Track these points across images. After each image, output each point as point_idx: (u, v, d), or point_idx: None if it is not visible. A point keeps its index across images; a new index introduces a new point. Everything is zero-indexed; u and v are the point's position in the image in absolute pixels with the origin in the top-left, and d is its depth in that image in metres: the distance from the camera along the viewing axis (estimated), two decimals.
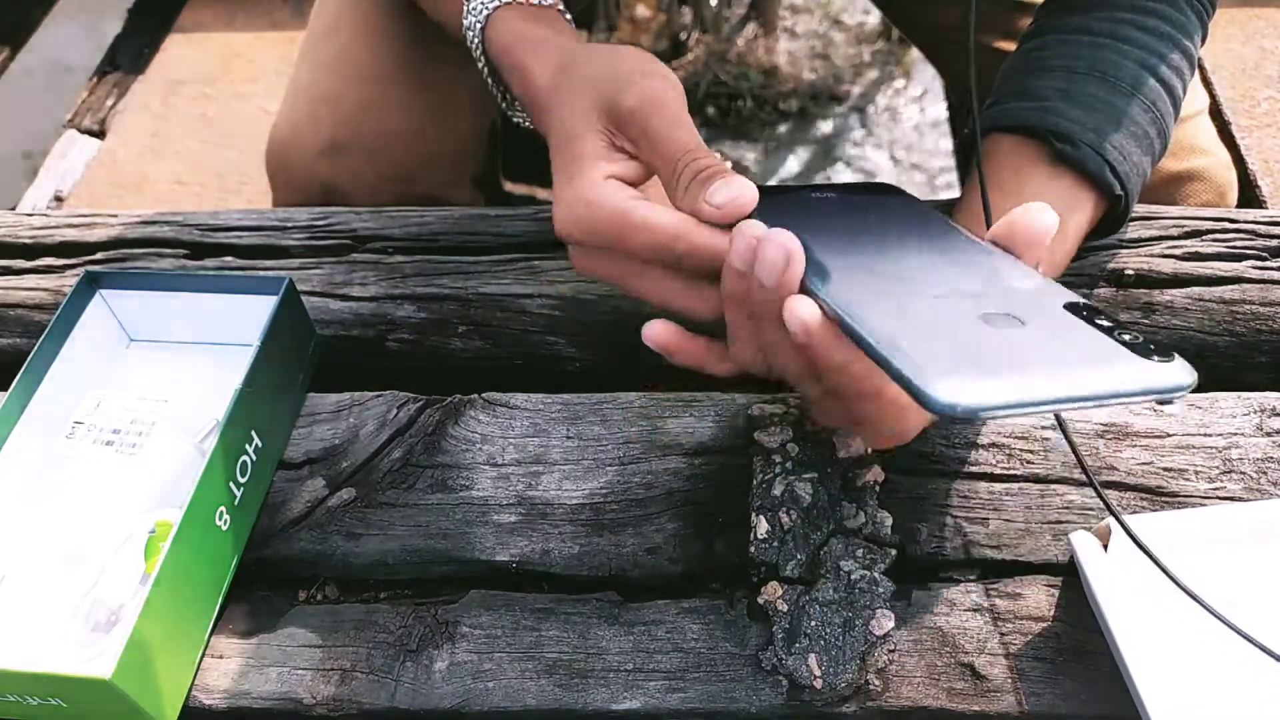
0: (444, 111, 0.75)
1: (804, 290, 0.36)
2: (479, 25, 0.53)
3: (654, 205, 0.41)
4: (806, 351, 0.36)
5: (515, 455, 0.51)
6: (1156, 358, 0.31)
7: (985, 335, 0.33)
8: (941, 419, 0.32)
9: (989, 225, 0.45)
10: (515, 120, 0.56)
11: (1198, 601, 0.40)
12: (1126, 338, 0.32)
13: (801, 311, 0.35)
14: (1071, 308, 0.34)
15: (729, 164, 0.48)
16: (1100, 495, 0.41)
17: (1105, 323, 0.33)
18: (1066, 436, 0.43)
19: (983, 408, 0.30)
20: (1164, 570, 0.41)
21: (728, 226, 0.40)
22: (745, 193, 0.39)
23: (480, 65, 0.55)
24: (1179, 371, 0.31)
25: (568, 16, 0.55)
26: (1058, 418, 0.44)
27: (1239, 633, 0.39)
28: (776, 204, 0.42)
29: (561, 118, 0.45)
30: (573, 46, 0.49)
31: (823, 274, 0.37)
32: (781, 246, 0.36)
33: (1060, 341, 0.33)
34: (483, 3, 0.53)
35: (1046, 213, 0.38)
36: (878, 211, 0.43)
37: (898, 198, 0.45)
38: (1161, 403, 0.32)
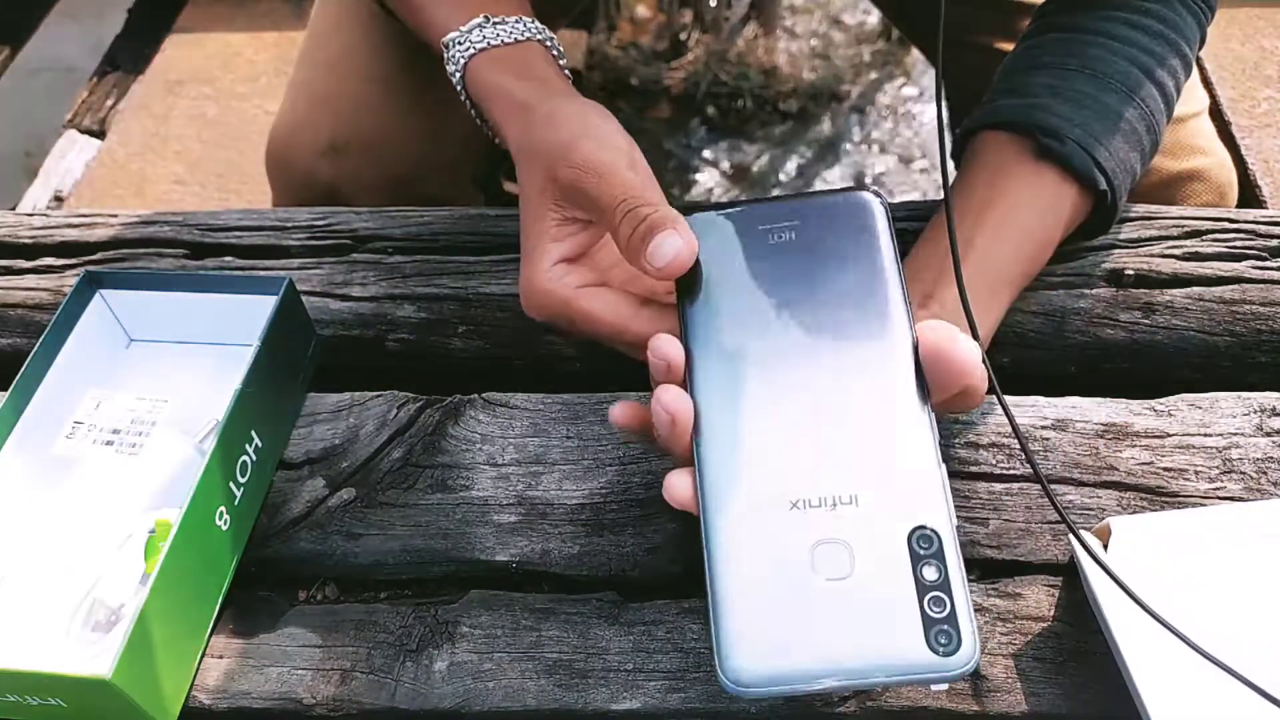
0: (444, 111, 0.75)
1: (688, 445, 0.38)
2: (459, 75, 0.54)
3: (598, 294, 0.44)
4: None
5: (515, 455, 0.51)
6: (944, 644, 0.33)
7: (801, 591, 0.35)
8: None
9: (952, 239, 0.45)
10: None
11: (1157, 619, 0.40)
12: (934, 609, 0.34)
13: (676, 490, 0.38)
14: (915, 540, 0.35)
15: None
16: (1048, 494, 0.40)
17: (931, 573, 0.34)
18: (1018, 437, 0.42)
19: (759, 695, 0.34)
20: (1120, 584, 0.41)
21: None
22: (684, 252, 0.40)
23: (469, 110, 0.56)
24: (957, 660, 0.33)
25: (548, 43, 0.55)
26: (1015, 429, 0.43)
27: (1199, 650, 0.39)
28: (719, 239, 0.42)
29: (523, 193, 0.48)
30: (534, 105, 0.49)
31: (706, 431, 0.38)
32: (667, 412, 0.37)
33: (866, 609, 0.34)
34: (460, 51, 0.54)
35: (969, 352, 0.37)
36: (819, 273, 0.40)
37: (857, 225, 0.41)
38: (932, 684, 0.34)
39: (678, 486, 0.38)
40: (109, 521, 0.49)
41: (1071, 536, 0.44)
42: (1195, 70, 0.62)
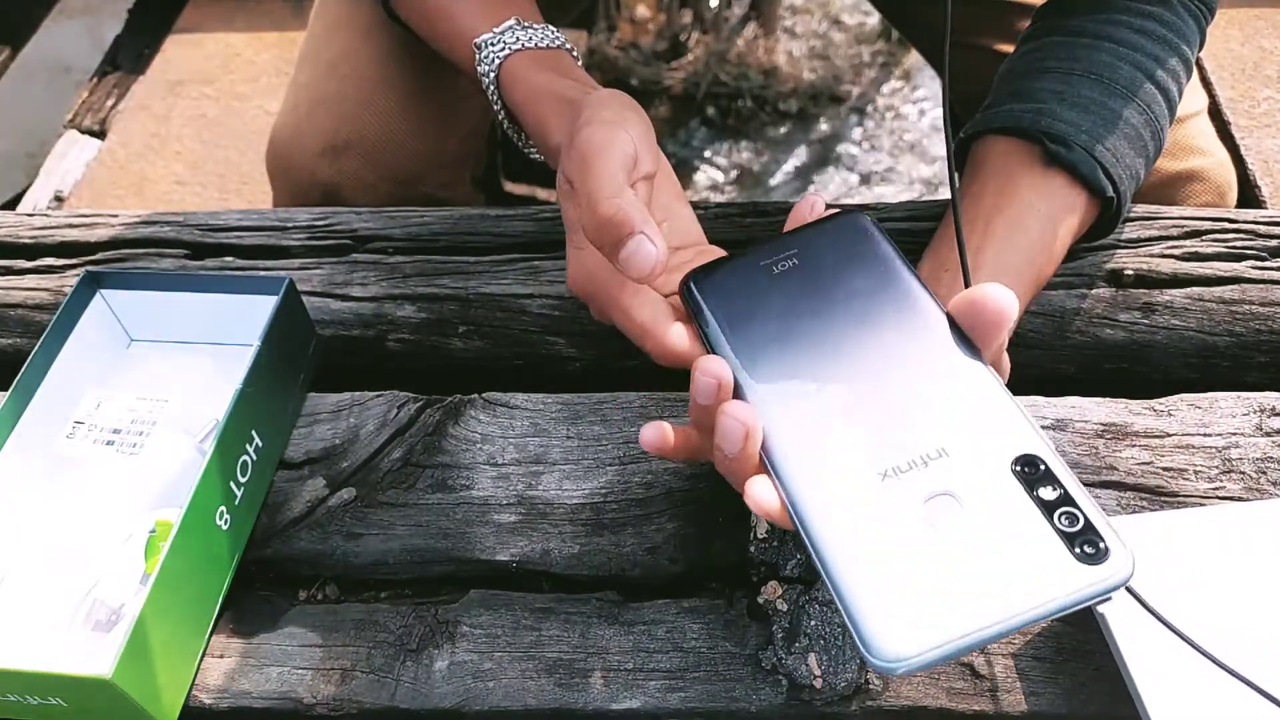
0: (444, 112, 0.76)
1: (761, 458, 0.37)
2: (492, 74, 0.54)
3: (638, 291, 0.42)
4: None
5: (515, 455, 0.51)
6: (1093, 552, 0.31)
7: (925, 551, 0.33)
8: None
9: (961, 252, 0.45)
10: (530, 155, 0.57)
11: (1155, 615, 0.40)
12: (1066, 522, 0.32)
13: (763, 501, 0.36)
14: (1020, 471, 0.34)
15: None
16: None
17: (1049, 493, 0.33)
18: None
19: (920, 665, 0.31)
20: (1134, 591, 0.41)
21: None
22: (647, 260, 0.38)
23: (497, 110, 0.56)
24: (1116, 567, 0.31)
25: (574, 53, 0.56)
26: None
27: (1206, 652, 0.39)
28: (727, 290, 0.41)
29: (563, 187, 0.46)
30: (579, 100, 0.48)
31: (776, 440, 0.37)
32: (740, 423, 0.35)
33: (998, 545, 0.32)
34: (494, 52, 0.54)
35: (1005, 294, 0.36)
36: (836, 289, 0.41)
37: (859, 245, 0.42)
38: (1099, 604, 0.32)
39: (763, 495, 0.36)
40: (109, 521, 0.49)
41: None
42: (1195, 70, 0.62)
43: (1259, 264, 0.58)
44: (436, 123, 0.75)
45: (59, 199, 1.26)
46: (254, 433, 0.49)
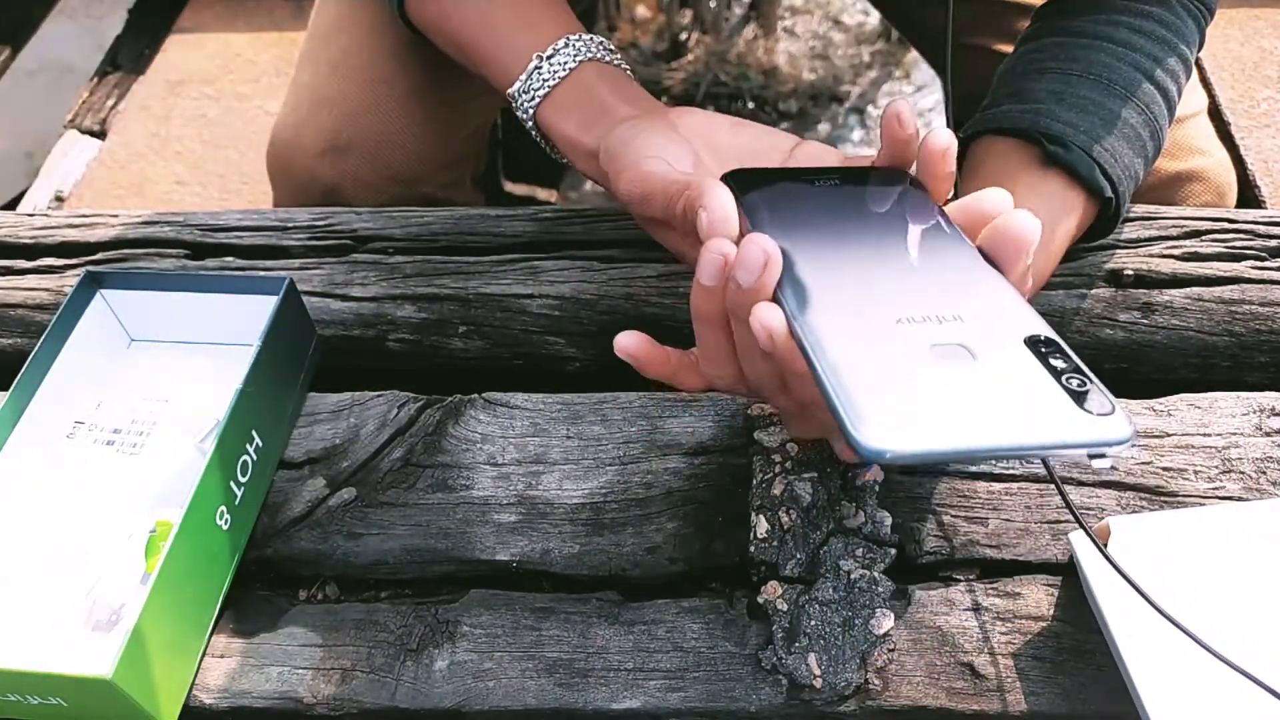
0: (445, 112, 0.76)
1: (774, 298, 0.36)
2: (531, 125, 0.56)
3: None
4: (772, 360, 0.37)
5: (515, 455, 0.52)
6: (1098, 409, 0.31)
7: (929, 373, 0.32)
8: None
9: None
10: (557, 159, 0.58)
11: (1162, 614, 0.40)
12: (1074, 383, 0.32)
13: (768, 319, 0.35)
14: (1031, 342, 0.34)
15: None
16: (1066, 501, 0.41)
17: (1059, 363, 0.33)
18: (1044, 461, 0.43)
19: (908, 455, 0.30)
20: (1130, 581, 0.41)
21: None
22: (719, 214, 0.39)
23: (534, 135, 0.57)
24: (1117, 426, 0.31)
25: (597, 51, 0.55)
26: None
27: (1206, 645, 0.39)
28: (766, 189, 0.42)
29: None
30: (597, 148, 0.51)
31: (793, 282, 0.36)
32: (761, 250, 0.35)
33: (1003, 385, 0.32)
34: (527, 102, 0.55)
35: (1029, 219, 0.38)
36: (871, 206, 0.42)
37: (898, 187, 0.44)
38: (1093, 456, 0.31)
39: (769, 314, 0.35)
40: (110, 521, 0.49)
41: (1072, 535, 0.44)
42: (1194, 71, 0.62)
43: (1259, 264, 0.58)
44: (437, 123, 0.75)
45: (59, 199, 1.26)
46: (254, 433, 0.49)
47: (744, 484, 0.49)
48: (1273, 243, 0.59)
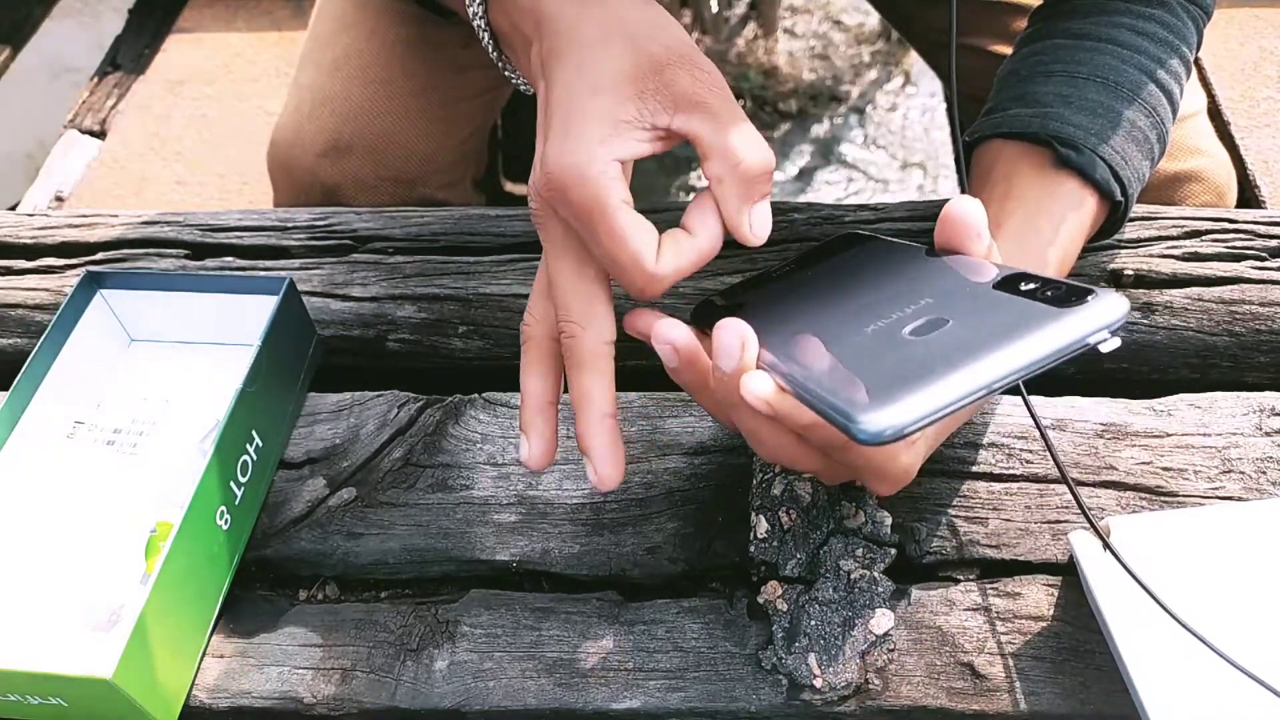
0: (445, 113, 0.76)
1: (759, 366, 0.37)
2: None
3: (632, 214, 0.38)
4: (778, 422, 0.37)
5: (515, 455, 0.51)
6: (1078, 301, 0.32)
7: (910, 351, 0.33)
8: (879, 447, 0.32)
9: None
10: (519, 86, 0.51)
11: (1169, 613, 0.40)
12: (1051, 293, 0.33)
13: (756, 388, 0.36)
14: (1002, 284, 0.35)
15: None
16: (1075, 495, 0.41)
17: (1031, 285, 0.33)
18: (1044, 436, 0.43)
19: (907, 425, 0.30)
20: (1135, 578, 0.41)
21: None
22: (768, 224, 0.40)
23: (489, 49, 0.49)
24: (1107, 307, 0.31)
25: None
26: (1038, 427, 0.44)
27: (1209, 645, 0.39)
28: (741, 296, 0.45)
29: (588, 78, 0.39)
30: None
31: (770, 343, 0.37)
32: (735, 334, 0.36)
33: (984, 326, 0.33)
34: None
35: (970, 201, 0.38)
36: (823, 263, 0.44)
37: (860, 244, 0.45)
38: (1099, 345, 0.31)
39: (758, 382, 0.35)
40: (110, 521, 0.49)
41: (1072, 535, 0.44)
42: (1193, 71, 0.62)
43: (1259, 264, 0.58)
44: (438, 124, 0.75)
45: (59, 199, 1.26)
46: (254, 433, 0.49)
47: (744, 484, 0.49)
48: (1273, 243, 0.59)
